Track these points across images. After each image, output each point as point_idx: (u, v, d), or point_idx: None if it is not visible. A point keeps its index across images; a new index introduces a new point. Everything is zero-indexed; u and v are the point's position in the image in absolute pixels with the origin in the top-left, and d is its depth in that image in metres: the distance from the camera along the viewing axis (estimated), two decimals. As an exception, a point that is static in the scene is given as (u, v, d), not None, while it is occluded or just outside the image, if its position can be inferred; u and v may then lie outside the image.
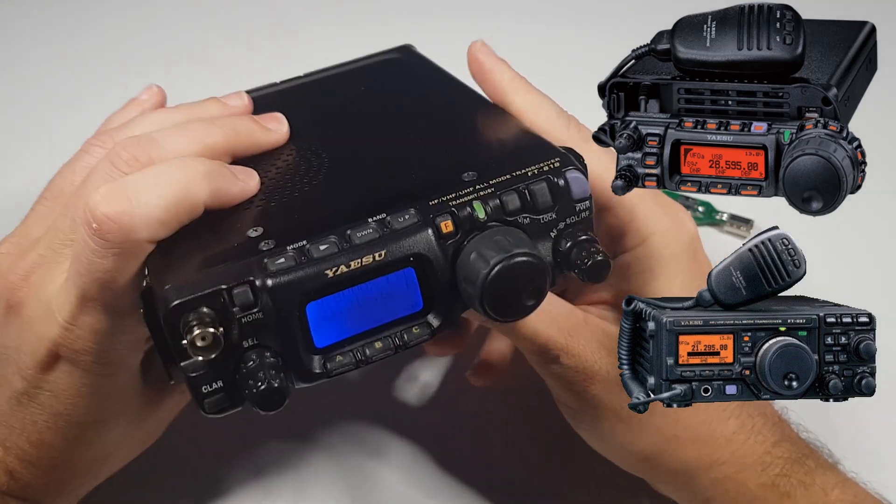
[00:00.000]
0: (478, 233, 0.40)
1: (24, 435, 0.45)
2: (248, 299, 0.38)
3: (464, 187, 0.42)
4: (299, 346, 0.39)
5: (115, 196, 0.39)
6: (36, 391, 0.44)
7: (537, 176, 0.42)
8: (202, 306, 0.37)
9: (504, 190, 0.41)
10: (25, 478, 0.45)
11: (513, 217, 0.41)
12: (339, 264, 0.39)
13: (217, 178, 0.42)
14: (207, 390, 0.39)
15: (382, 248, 0.39)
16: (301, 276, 0.38)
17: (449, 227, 0.40)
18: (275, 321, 0.38)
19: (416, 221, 0.40)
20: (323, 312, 0.40)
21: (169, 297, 0.37)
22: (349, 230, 0.40)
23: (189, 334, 0.36)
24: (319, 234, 0.40)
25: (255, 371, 0.38)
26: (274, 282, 0.38)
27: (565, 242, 0.42)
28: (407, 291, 0.41)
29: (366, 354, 0.40)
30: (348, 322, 0.40)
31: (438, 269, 0.40)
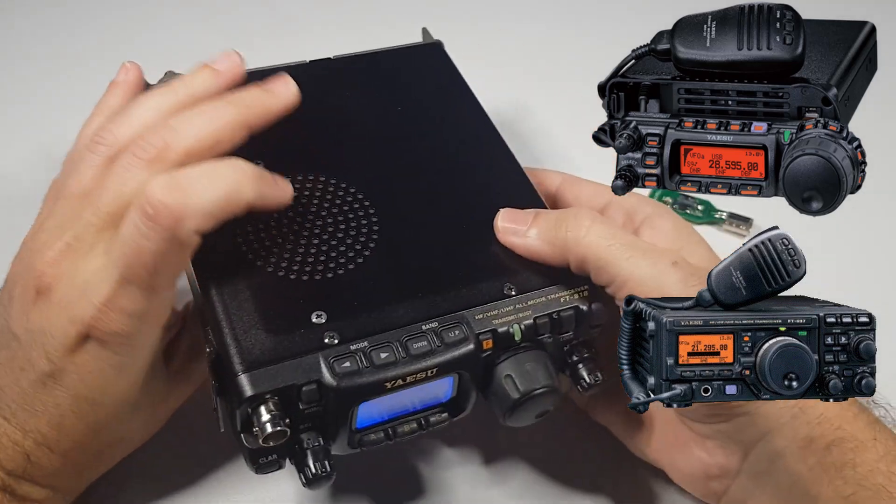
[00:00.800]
0: (511, 353, 0.46)
1: (45, 418, 0.45)
2: (314, 397, 0.43)
3: (504, 303, 0.47)
4: (347, 431, 0.45)
5: (172, 187, 0.42)
6: (61, 373, 0.45)
7: (569, 304, 0.47)
8: (274, 398, 0.42)
9: (539, 314, 0.47)
10: (41, 461, 0.46)
11: (540, 338, 0.47)
12: (397, 377, 0.44)
13: (263, 183, 0.45)
14: (264, 462, 0.45)
15: (434, 361, 0.45)
16: (362, 382, 0.43)
17: (489, 345, 0.46)
18: (332, 415, 0.44)
19: (464, 338, 0.45)
20: (371, 407, 0.45)
21: (244, 388, 0.42)
22: (406, 338, 0.45)
23: (261, 430, 0.42)
24: (380, 338, 0.45)
25: (310, 456, 0.44)
26: (339, 384, 0.43)
27: (572, 356, 0.48)
28: (442, 391, 0.47)
29: (396, 433, 0.46)
30: (386, 409, 0.46)
31: (472, 378, 0.46)
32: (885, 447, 0.44)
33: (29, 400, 0.45)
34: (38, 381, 0.45)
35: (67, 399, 0.45)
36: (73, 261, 0.45)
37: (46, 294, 0.44)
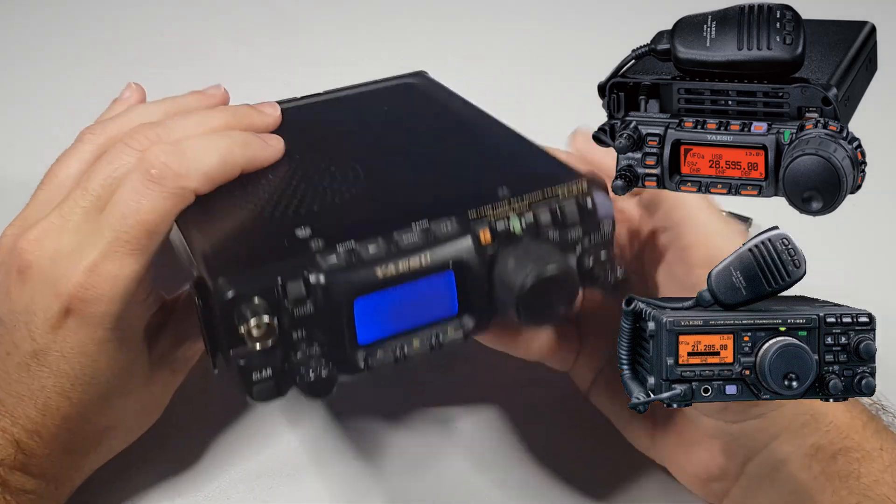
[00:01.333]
0: (512, 243, 0.44)
1: (32, 401, 0.46)
2: (300, 294, 0.41)
3: (499, 201, 0.45)
4: (345, 341, 0.42)
5: (173, 150, 0.45)
6: (45, 352, 0.45)
7: (567, 196, 0.45)
8: (257, 298, 0.40)
9: (538, 206, 0.45)
10: (31, 448, 0.46)
11: (544, 232, 0.44)
12: (388, 265, 0.42)
13: (252, 146, 0.49)
14: (257, 378, 0.41)
15: (427, 251, 0.43)
16: (353, 275, 0.41)
17: (487, 238, 0.44)
18: (324, 315, 0.41)
19: (458, 229, 0.43)
20: (368, 310, 0.42)
21: (225, 288, 0.40)
22: (395, 233, 0.43)
23: (245, 324, 0.40)
24: (366, 236, 0.43)
25: (305, 361, 0.41)
26: (327, 279, 0.41)
27: (588, 258, 0.46)
28: (445, 295, 0.44)
29: (404, 352, 0.44)
30: (390, 321, 0.43)
31: (475, 276, 0.44)
32: (891, 457, 0.44)
33: (14, 385, 0.46)
34: (23, 364, 0.46)
35: (51, 379, 0.46)
36: (57, 237, 0.46)
37: (27, 272, 0.45)
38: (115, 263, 0.44)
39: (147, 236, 0.44)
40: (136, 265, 0.45)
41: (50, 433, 0.46)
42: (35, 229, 0.46)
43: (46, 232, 0.46)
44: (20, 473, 0.46)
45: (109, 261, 0.44)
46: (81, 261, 0.44)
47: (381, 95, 0.61)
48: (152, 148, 0.45)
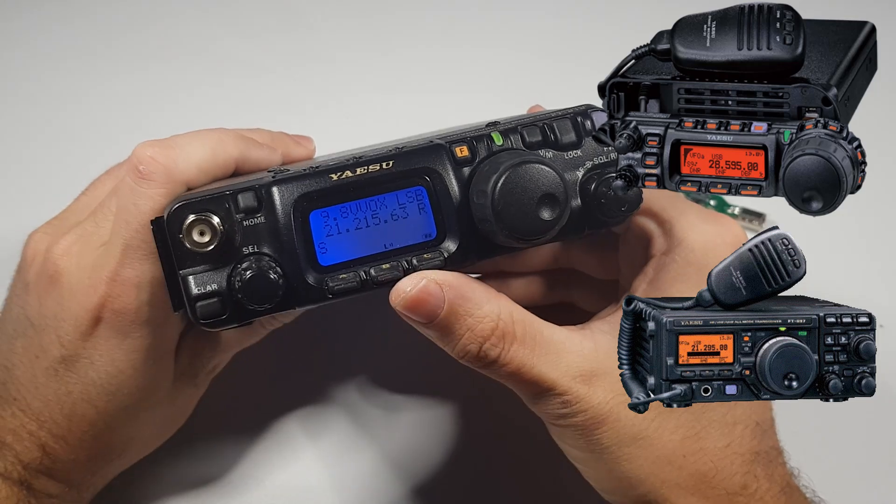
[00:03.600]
0: (493, 157, 0.40)
1: (59, 406, 0.46)
2: (251, 203, 0.39)
3: (483, 129, 0.41)
4: (300, 259, 0.39)
5: (159, 143, 0.44)
6: (73, 359, 0.45)
7: (561, 116, 0.42)
8: (206, 209, 0.38)
9: (526, 126, 0.41)
10: (57, 453, 0.46)
11: (533, 150, 0.40)
12: (345, 170, 0.39)
13: (246, 142, 0.47)
14: (201, 291, 0.38)
15: (392, 159, 0.39)
16: (305, 181, 0.39)
17: (464, 152, 0.40)
18: (277, 226, 0.39)
19: (429, 144, 0.40)
20: (329, 225, 0.39)
21: (174, 202, 0.39)
22: (362, 154, 0.40)
23: (190, 231, 0.38)
24: (331, 160, 0.40)
25: (249, 266, 0.38)
26: (279, 186, 0.39)
27: (592, 180, 0.42)
28: (419, 215, 0.40)
29: (371, 275, 0.40)
30: (357, 243, 0.40)
31: (452, 194, 0.40)
32: None
33: (42, 390, 0.46)
34: (51, 369, 0.46)
35: (78, 386, 0.46)
36: (84, 244, 0.46)
37: (58, 279, 0.45)
38: (135, 270, 0.44)
39: (153, 237, 0.44)
40: (155, 269, 0.44)
41: (75, 438, 0.47)
42: (69, 235, 0.46)
43: (78, 239, 0.46)
44: (45, 477, 0.46)
45: (128, 268, 0.44)
46: (103, 270, 0.44)
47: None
48: (140, 145, 0.44)
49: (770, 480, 0.46)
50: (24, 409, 0.46)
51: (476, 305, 0.41)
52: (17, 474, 0.45)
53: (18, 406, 0.46)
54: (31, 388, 0.46)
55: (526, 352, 0.42)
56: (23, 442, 0.46)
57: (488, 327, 0.41)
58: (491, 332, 0.41)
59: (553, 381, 0.42)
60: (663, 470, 0.44)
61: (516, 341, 0.42)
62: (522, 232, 0.39)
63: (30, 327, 0.46)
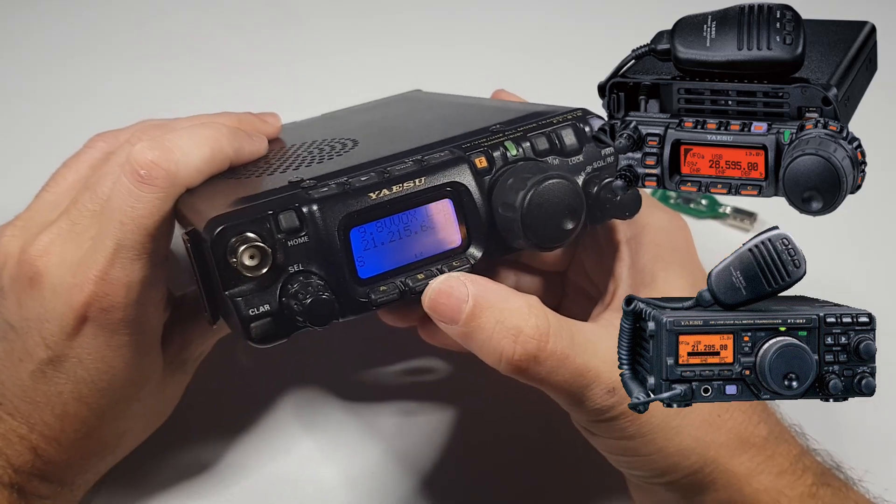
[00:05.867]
0: (511, 167, 0.43)
1: (49, 408, 0.46)
2: (293, 223, 0.40)
3: (494, 133, 0.44)
4: (345, 274, 0.41)
5: (158, 146, 0.43)
6: (61, 360, 0.45)
7: (563, 122, 0.45)
8: (248, 231, 0.39)
9: (533, 133, 0.44)
10: (49, 454, 0.46)
11: (543, 158, 0.44)
12: (382, 188, 0.41)
13: (238, 137, 0.48)
14: (255, 313, 0.39)
15: (422, 175, 0.42)
16: (345, 201, 0.41)
17: (483, 163, 0.43)
18: (320, 245, 0.40)
19: (452, 157, 0.42)
20: (366, 240, 0.41)
21: (215, 223, 0.39)
22: (387, 166, 0.42)
23: (237, 253, 0.38)
24: (359, 172, 0.42)
25: (303, 289, 0.39)
26: (319, 206, 0.40)
27: (593, 185, 0.45)
28: (446, 226, 0.43)
29: (409, 285, 0.42)
30: (391, 254, 0.42)
31: (476, 202, 0.43)
32: None
33: (29, 392, 0.46)
34: (38, 371, 0.45)
35: (69, 385, 0.45)
36: (65, 244, 0.45)
37: (38, 280, 0.45)
38: (125, 270, 0.44)
39: (149, 240, 0.44)
40: (145, 269, 0.44)
41: (68, 439, 0.46)
42: (44, 235, 0.45)
43: (55, 238, 0.45)
44: (37, 480, 0.46)
45: (118, 268, 0.44)
46: (91, 269, 0.44)
47: (377, 106, 0.62)
48: (138, 145, 0.44)
49: (780, 425, 0.47)
50: (11, 413, 0.46)
51: (502, 299, 0.41)
52: (8, 478, 0.45)
53: (5, 410, 0.46)
54: (17, 392, 0.46)
55: (564, 343, 0.41)
56: (13, 446, 0.45)
57: (519, 319, 0.40)
58: (523, 324, 0.40)
59: (596, 369, 0.42)
60: (707, 434, 0.44)
61: (552, 333, 0.41)
62: (547, 241, 0.42)
63: (10, 331, 0.46)
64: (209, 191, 0.45)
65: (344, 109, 0.63)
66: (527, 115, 0.47)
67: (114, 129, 0.52)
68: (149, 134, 0.48)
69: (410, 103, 0.60)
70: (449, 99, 0.60)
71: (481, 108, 0.53)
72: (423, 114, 0.56)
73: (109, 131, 0.51)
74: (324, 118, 0.61)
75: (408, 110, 0.59)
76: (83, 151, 0.50)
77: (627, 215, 0.45)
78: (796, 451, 0.46)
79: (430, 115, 0.56)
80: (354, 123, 0.57)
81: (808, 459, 0.46)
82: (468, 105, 0.55)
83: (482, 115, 0.50)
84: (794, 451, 0.46)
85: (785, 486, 0.44)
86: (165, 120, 0.52)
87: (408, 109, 0.59)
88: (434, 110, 0.57)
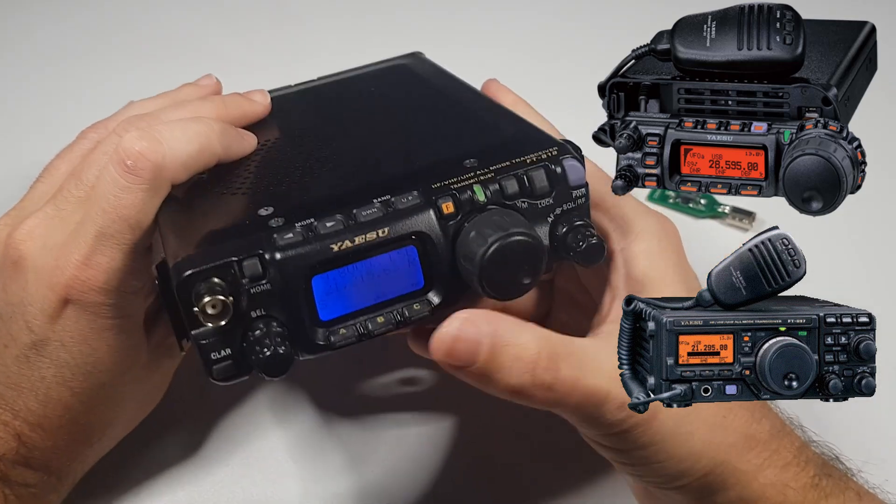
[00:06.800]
0: (478, 214, 0.42)
1: (33, 393, 0.46)
2: (257, 271, 0.40)
3: (465, 172, 0.44)
4: (305, 318, 0.41)
5: (147, 137, 0.43)
6: (44, 343, 0.45)
7: (535, 163, 0.44)
8: (213, 276, 0.40)
9: (504, 175, 0.43)
10: (34, 441, 0.46)
11: (511, 201, 0.43)
12: (344, 240, 0.41)
13: (228, 135, 0.48)
14: (216, 357, 0.41)
15: (386, 225, 0.42)
16: (308, 250, 0.41)
17: (450, 209, 0.42)
18: (282, 293, 0.41)
19: (419, 202, 0.42)
20: (328, 286, 0.42)
21: (182, 267, 0.40)
22: (355, 209, 0.42)
23: (200, 302, 0.39)
24: (326, 213, 0.42)
25: (262, 339, 0.40)
26: (282, 255, 0.40)
27: (561, 227, 0.44)
28: (409, 269, 0.43)
29: (368, 328, 0.42)
30: (352, 297, 0.42)
31: (439, 249, 0.42)
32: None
33: (14, 378, 0.46)
34: (22, 356, 0.45)
35: (52, 369, 0.45)
36: (48, 227, 0.45)
37: (22, 264, 0.45)
38: (106, 257, 0.44)
39: (130, 231, 0.44)
40: (126, 258, 0.44)
41: (52, 425, 0.46)
42: (29, 220, 0.46)
43: (39, 223, 0.46)
44: (22, 467, 0.46)
45: (99, 254, 0.44)
46: (73, 252, 0.44)
47: (372, 77, 0.61)
48: (128, 135, 0.44)
49: (781, 419, 0.47)
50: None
51: (514, 335, 0.41)
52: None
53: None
54: (2, 378, 0.46)
55: (573, 368, 0.41)
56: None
57: (534, 353, 0.41)
58: (538, 356, 0.41)
59: (606, 388, 0.42)
60: (716, 436, 0.44)
61: (562, 359, 0.41)
62: (503, 295, 0.42)
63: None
64: (182, 216, 0.45)
65: (336, 83, 0.61)
66: (504, 142, 0.47)
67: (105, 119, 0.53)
68: (137, 124, 0.48)
69: (402, 90, 0.59)
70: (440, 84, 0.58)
71: (465, 117, 0.52)
72: (407, 115, 0.55)
73: (100, 121, 0.52)
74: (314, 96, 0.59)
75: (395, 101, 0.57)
76: (76, 143, 0.51)
77: (586, 265, 0.44)
78: (798, 444, 0.46)
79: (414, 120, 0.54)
80: (339, 118, 0.56)
81: (809, 451, 0.46)
82: (455, 102, 0.54)
83: (462, 132, 0.49)
84: (795, 443, 0.46)
85: (790, 479, 0.45)
86: (151, 99, 0.53)
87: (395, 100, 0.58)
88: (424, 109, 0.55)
